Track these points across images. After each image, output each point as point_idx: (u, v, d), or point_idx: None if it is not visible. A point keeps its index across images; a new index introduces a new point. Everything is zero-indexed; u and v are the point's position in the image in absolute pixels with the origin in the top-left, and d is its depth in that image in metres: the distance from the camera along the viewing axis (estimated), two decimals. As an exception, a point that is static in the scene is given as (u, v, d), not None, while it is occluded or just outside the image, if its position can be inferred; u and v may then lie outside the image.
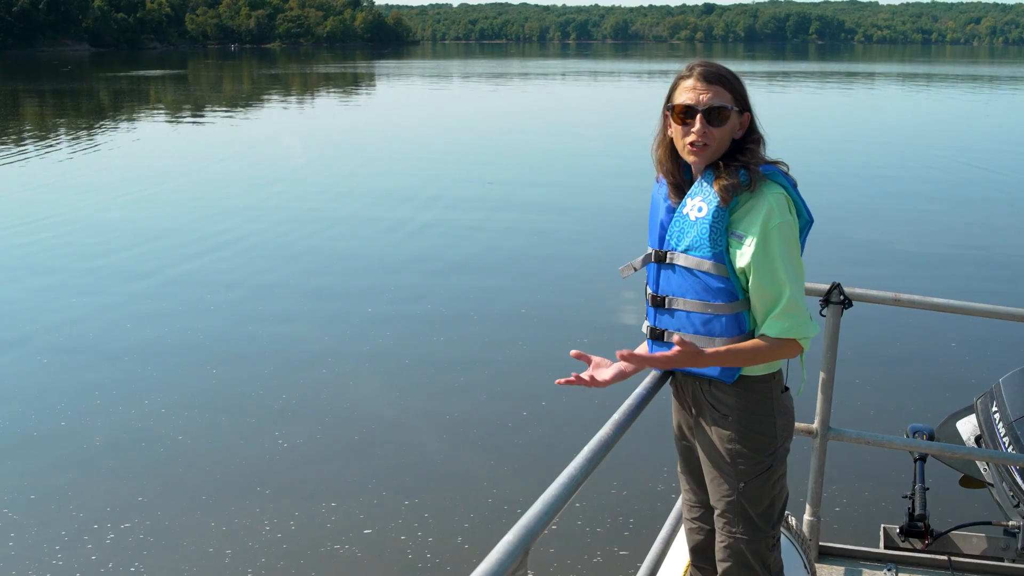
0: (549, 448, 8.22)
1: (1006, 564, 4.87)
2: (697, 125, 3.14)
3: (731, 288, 3.15)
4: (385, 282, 13.88)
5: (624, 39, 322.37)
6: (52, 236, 16.97)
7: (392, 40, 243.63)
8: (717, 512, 3.42)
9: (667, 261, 3.27)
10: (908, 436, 5.82)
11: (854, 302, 4.37)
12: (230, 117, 43.14)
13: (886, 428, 8.03)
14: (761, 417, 3.27)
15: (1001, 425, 5.52)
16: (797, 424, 4.48)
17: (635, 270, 3.43)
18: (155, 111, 46.19)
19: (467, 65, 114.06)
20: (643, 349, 3.50)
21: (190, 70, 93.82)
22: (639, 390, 3.19)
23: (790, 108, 47.42)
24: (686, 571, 3.79)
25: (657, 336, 3.35)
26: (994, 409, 5.70)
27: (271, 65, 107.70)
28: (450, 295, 13.17)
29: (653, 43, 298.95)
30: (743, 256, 3.11)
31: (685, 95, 3.18)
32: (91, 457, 8.27)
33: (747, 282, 3.15)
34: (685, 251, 3.20)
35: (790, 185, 3.17)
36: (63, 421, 8.98)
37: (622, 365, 3.39)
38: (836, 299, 4.34)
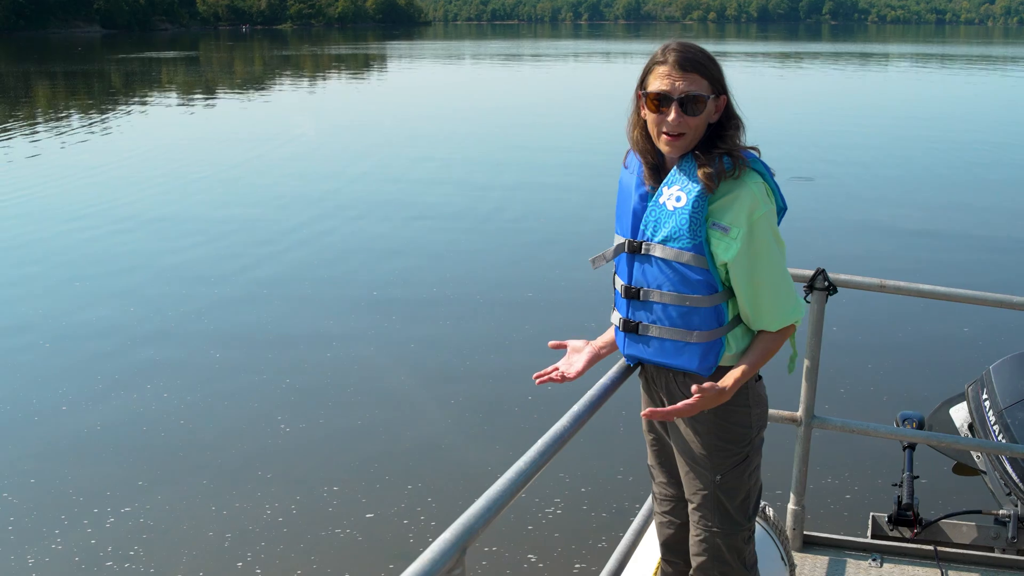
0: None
1: (995, 555, 4.82)
2: (672, 114, 3.03)
3: (710, 280, 3.09)
4: (391, 267, 13.86)
5: (636, 19, 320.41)
6: (54, 218, 17.00)
7: (404, 21, 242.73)
8: (692, 506, 3.38)
9: (642, 252, 3.18)
10: (898, 424, 5.77)
11: (839, 288, 4.32)
12: (241, 99, 43.08)
13: (876, 416, 7.99)
14: (736, 408, 3.22)
15: (991, 413, 5.47)
16: (781, 412, 4.45)
17: (607, 260, 3.35)
18: (167, 93, 46.16)
19: (479, 46, 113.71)
20: (609, 336, 3.48)
21: (201, 52, 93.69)
22: (603, 380, 3.14)
23: (798, 89, 47.25)
24: (657, 567, 3.74)
25: (631, 329, 3.28)
26: (984, 397, 5.64)
27: (282, 46, 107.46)
28: (456, 280, 13.13)
29: (665, 23, 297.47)
30: (728, 249, 3.04)
31: (659, 81, 3.06)
32: (91, 441, 8.30)
33: (727, 274, 3.09)
34: (663, 242, 3.12)
35: (767, 171, 3.12)
36: (64, 405, 9.00)
37: (594, 350, 3.41)
38: (821, 285, 4.30)
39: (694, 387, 3.03)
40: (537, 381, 3.41)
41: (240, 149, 25.68)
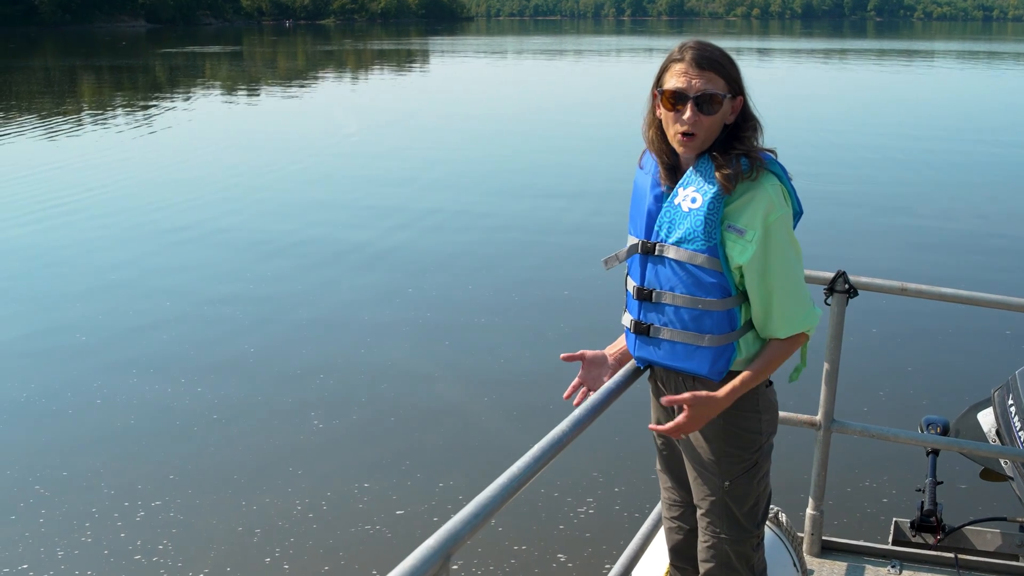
0: (596, 432, 8.03)
1: (1018, 563, 4.75)
2: (688, 113, 2.98)
3: (724, 283, 3.04)
4: (428, 263, 13.87)
5: (679, 15, 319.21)
6: (92, 212, 17.12)
7: (446, 16, 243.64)
8: (700, 512, 3.35)
9: (656, 253, 3.13)
10: (922, 428, 5.67)
11: (860, 291, 4.25)
12: (285, 95, 43.28)
13: (900, 420, 7.90)
14: (746, 413, 3.18)
15: (1017, 419, 5.36)
16: (800, 416, 4.40)
17: (620, 261, 3.30)
18: (210, 87, 46.45)
19: (521, 42, 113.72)
20: (620, 342, 3.45)
21: (245, 46, 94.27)
22: (608, 384, 3.11)
23: (841, 87, 46.92)
24: (666, 574, 3.70)
25: (642, 331, 3.24)
26: (1010, 402, 5.53)
27: (325, 41, 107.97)
28: (493, 279, 13.13)
29: (709, 20, 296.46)
30: (743, 252, 2.99)
31: (676, 79, 3.01)
32: (124, 435, 8.35)
33: (741, 277, 3.05)
34: (677, 243, 3.07)
35: (784, 174, 3.07)
36: (98, 399, 9.07)
37: (614, 359, 3.41)
38: (841, 288, 4.24)
39: (686, 395, 3.03)
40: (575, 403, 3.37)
41: (286, 148, 25.84)
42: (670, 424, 3.07)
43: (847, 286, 4.22)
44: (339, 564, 6.45)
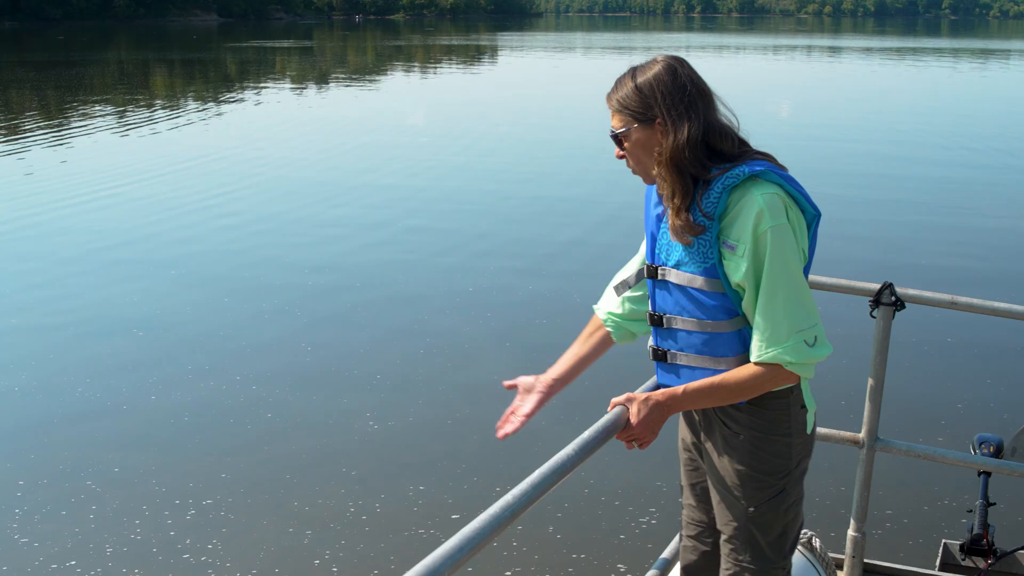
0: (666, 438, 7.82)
1: None
2: (616, 150, 3.05)
3: (727, 304, 2.90)
4: (491, 260, 13.78)
5: (750, 12, 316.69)
6: (145, 208, 17.22)
7: (515, 12, 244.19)
8: (724, 537, 3.19)
9: (660, 277, 3.03)
10: (975, 448, 5.44)
11: (907, 304, 4.05)
12: (355, 89, 43.50)
13: (949, 437, 7.71)
14: (776, 437, 3.01)
15: None
16: (842, 433, 4.23)
17: (629, 287, 3.22)
18: (281, 82, 46.76)
19: (590, 39, 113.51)
20: (561, 367, 3.39)
21: (315, 41, 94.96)
22: (620, 408, 2.97)
23: (912, 86, 46.26)
24: None
25: (660, 357, 3.12)
26: None
27: (395, 37, 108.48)
28: (561, 276, 12.95)
29: (780, 17, 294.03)
30: (737, 269, 2.84)
31: None
32: (177, 432, 8.34)
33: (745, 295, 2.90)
34: (676, 266, 2.96)
35: (785, 181, 2.87)
36: (153, 395, 9.05)
37: (544, 387, 3.30)
38: (887, 300, 4.04)
39: (620, 397, 2.99)
40: (499, 435, 3.25)
41: (354, 140, 25.94)
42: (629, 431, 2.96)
43: (894, 298, 4.03)
44: (389, 569, 6.35)
